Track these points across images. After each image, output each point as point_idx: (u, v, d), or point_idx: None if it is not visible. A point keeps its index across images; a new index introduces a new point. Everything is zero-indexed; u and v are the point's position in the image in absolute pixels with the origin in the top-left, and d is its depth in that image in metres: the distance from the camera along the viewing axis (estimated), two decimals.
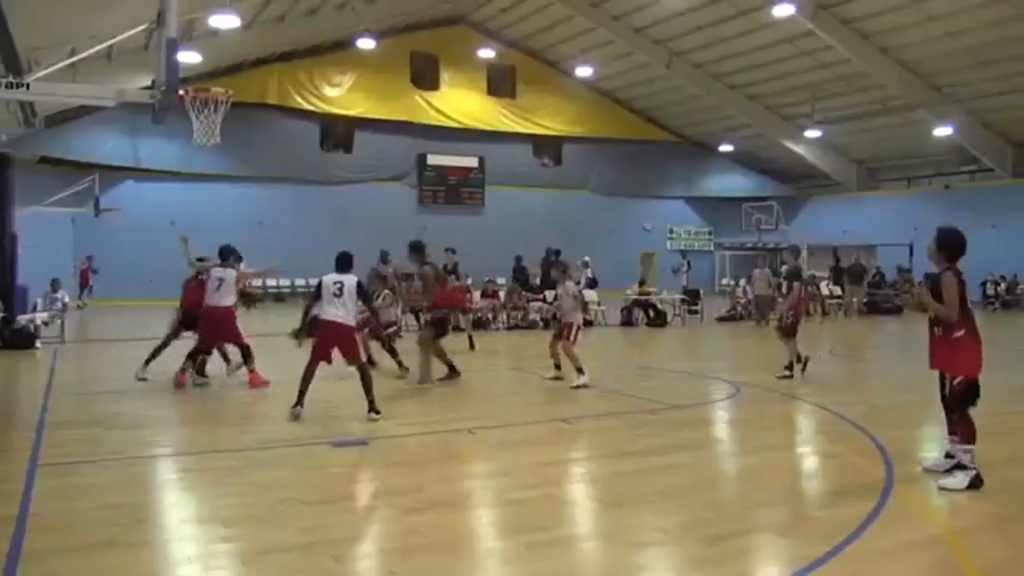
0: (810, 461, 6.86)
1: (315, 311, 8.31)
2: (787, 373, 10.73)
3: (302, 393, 7.84)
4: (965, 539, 4.62)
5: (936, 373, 5.77)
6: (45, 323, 15.34)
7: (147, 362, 10.15)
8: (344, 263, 8.29)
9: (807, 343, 11.55)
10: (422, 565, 4.20)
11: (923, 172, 31.44)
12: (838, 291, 25.74)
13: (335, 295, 8.05)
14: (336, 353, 8.08)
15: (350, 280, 8.14)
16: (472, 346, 14.43)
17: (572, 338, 10.20)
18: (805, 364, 11.02)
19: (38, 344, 14.18)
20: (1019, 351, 16.73)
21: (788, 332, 11.01)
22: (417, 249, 10.40)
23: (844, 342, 17.57)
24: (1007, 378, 11.44)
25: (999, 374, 11.57)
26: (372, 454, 6.72)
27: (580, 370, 9.98)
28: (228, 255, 10.22)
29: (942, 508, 5.25)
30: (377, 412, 7.82)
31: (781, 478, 6.05)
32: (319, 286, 8.17)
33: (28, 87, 8.71)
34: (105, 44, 10.81)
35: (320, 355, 8.05)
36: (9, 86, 8.62)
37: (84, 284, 24.82)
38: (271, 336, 16.42)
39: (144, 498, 5.40)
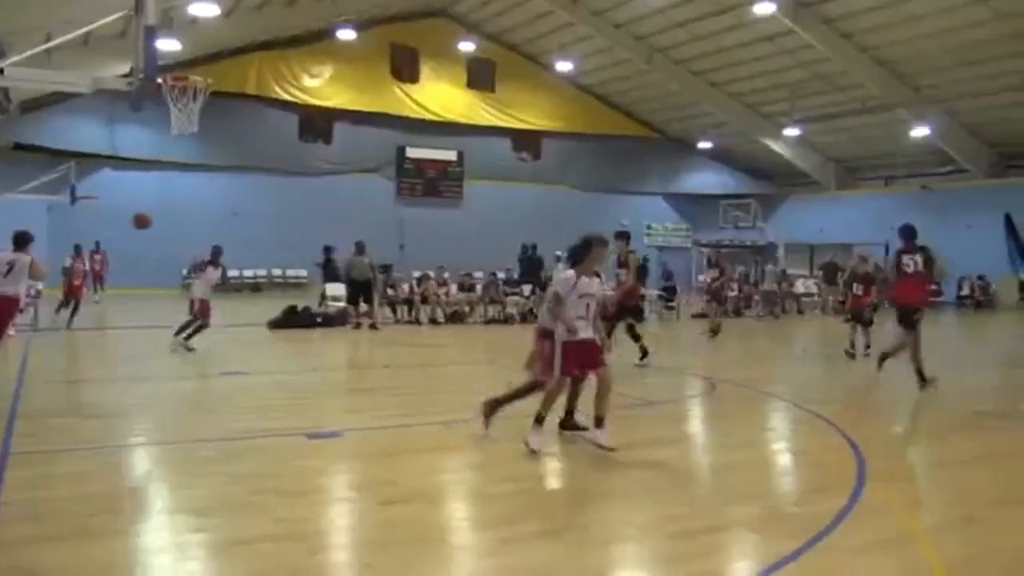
0: (783, 457, 6.93)
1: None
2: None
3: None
4: (934, 537, 4.68)
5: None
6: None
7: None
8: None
9: (784, 341, 11.68)
10: (397, 558, 4.20)
11: (901, 172, 31.70)
12: (814, 289, 25.99)
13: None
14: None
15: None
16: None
17: (544, 369, 6.52)
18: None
19: (11, 332, 13.99)
20: (991, 351, 17.00)
21: (868, 322, 12.59)
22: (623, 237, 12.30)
23: (818, 340, 17.73)
24: (979, 378, 11.65)
25: (972, 373, 11.83)
26: (347, 446, 6.71)
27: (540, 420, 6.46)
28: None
29: (913, 506, 5.32)
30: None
31: (754, 474, 6.10)
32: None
33: (2, 72, 8.56)
34: (82, 30, 10.63)
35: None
36: None
37: (96, 278, 23.70)
38: (242, 327, 16.40)
39: (117, 488, 5.35)
